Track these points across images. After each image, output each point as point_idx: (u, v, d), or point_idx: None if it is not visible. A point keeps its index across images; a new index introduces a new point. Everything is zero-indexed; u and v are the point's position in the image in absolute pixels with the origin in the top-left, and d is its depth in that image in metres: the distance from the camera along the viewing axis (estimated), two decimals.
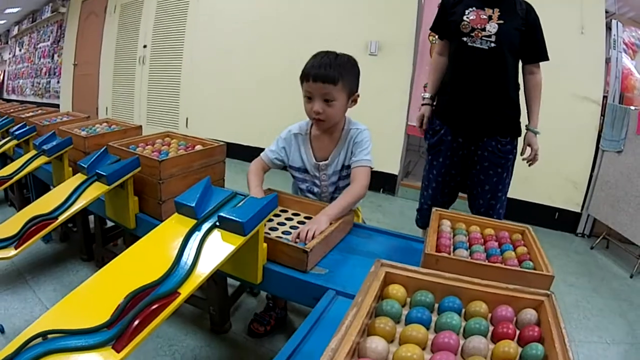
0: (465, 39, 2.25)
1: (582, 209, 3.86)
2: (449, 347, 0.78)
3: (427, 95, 2.54)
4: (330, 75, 1.68)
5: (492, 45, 2.19)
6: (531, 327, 0.86)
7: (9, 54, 12.77)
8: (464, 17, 2.24)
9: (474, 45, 2.23)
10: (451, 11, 2.33)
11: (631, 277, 3.09)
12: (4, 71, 13.03)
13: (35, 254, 2.71)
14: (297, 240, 1.48)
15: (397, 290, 0.93)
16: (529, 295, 0.93)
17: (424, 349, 0.80)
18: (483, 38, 2.20)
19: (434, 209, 1.58)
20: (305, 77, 1.74)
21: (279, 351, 1.00)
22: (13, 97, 11.78)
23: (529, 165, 2.41)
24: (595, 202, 3.70)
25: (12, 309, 2.21)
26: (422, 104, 2.57)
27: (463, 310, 0.93)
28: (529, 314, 0.90)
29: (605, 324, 2.47)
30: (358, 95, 1.83)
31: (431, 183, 2.54)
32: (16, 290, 2.38)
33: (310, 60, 1.77)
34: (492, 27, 2.18)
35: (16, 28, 12.03)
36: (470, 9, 2.23)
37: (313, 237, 1.46)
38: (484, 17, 2.20)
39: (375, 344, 0.75)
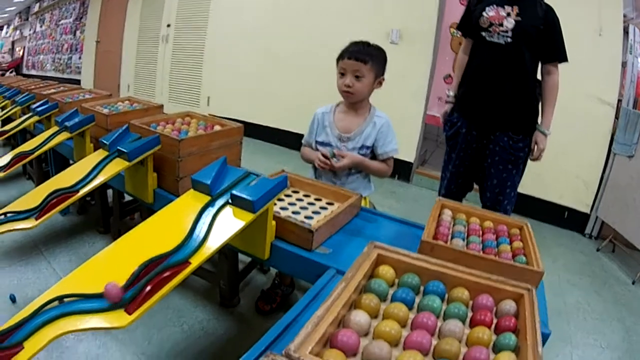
0: (483, 33, 2.33)
1: (591, 210, 3.87)
2: (427, 326, 0.87)
3: (452, 93, 2.62)
4: (362, 56, 1.97)
5: (509, 40, 2.26)
6: (508, 318, 0.93)
7: (29, 30, 12.89)
8: (484, 13, 2.31)
9: (492, 40, 2.31)
10: (474, 8, 2.40)
11: (633, 283, 3.11)
12: (24, 47, 13.19)
13: (51, 226, 2.79)
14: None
15: (386, 271, 1.02)
16: (510, 288, 0.99)
17: (404, 326, 0.88)
18: (500, 33, 2.27)
19: (437, 198, 1.65)
20: (341, 56, 2.03)
21: None
22: (33, 72, 11.91)
23: (531, 160, 2.46)
24: (604, 205, 3.72)
25: (26, 279, 2.29)
26: (446, 102, 2.66)
27: (446, 295, 1.01)
28: (509, 305, 0.96)
29: (603, 328, 2.51)
30: (383, 79, 2.09)
31: (447, 174, 2.63)
32: (30, 261, 2.46)
33: (347, 45, 2.05)
34: (509, 23, 2.25)
35: (37, 5, 12.15)
36: (491, 6, 2.30)
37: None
38: (503, 13, 2.27)
39: (359, 317, 0.84)
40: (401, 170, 4.69)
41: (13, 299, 2.11)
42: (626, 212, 3.39)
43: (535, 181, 3.63)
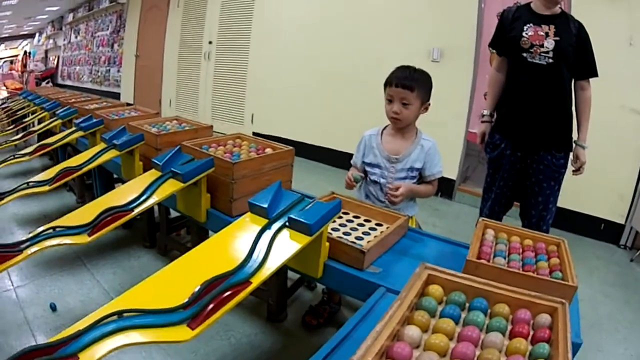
0: (524, 54, 2.43)
1: (625, 221, 3.92)
2: (471, 339, 1.01)
3: (487, 112, 2.74)
4: (409, 83, 2.11)
5: (550, 61, 2.37)
6: (543, 330, 1.05)
7: (64, 40, 13.38)
8: (523, 33, 2.41)
9: (534, 61, 2.41)
10: (510, 27, 2.50)
11: None
12: (58, 57, 13.65)
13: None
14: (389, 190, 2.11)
15: (435, 289, 1.18)
16: (546, 302, 1.12)
17: (451, 339, 1.03)
18: (541, 54, 2.38)
19: (480, 219, 1.80)
20: (388, 83, 2.17)
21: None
22: (68, 82, 12.35)
23: (573, 175, 2.59)
24: (638, 215, 3.77)
25: (67, 289, 2.43)
26: (482, 121, 2.77)
27: (489, 311, 1.16)
28: (544, 318, 1.09)
29: (633, 338, 2.59)
30: (429, 104, 2.23)
31: (490, 195, 2.74)
32: (72, 272, 2.60)
33: (394, 71, 2.19)
34: (549, 44, 2.36)
35: (71, 15, 12.59)
36: (528, 25, 2.41)
37: (396, 192, 2.08)
38: (541, 33, 2.37)
39: (412, 331, 1.00)
40: (444, 188, 4.77)
41: (53, 308, 2.24)
42: None
43: (572, 195, 3.66)
